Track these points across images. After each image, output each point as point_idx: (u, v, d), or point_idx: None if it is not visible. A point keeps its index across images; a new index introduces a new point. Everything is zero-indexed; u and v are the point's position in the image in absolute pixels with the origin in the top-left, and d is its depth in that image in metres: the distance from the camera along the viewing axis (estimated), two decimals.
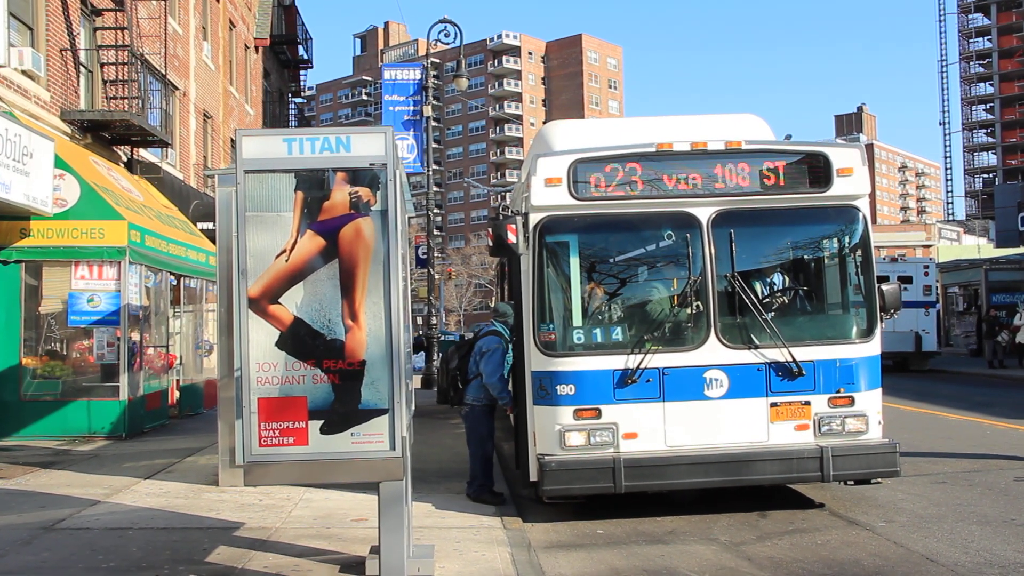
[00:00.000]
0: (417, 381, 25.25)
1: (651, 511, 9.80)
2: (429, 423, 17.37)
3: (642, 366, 9.21)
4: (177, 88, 25.32)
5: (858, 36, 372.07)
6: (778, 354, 9.32)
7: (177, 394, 18.80)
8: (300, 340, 6.13)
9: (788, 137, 10.47)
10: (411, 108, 26.25)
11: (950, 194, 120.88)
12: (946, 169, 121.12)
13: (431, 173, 26.39)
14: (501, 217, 9.74)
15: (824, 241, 10.25)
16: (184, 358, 19.68)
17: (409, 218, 9.32)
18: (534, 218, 9.40)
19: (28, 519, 9.38)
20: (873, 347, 9.65)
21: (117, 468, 12.41)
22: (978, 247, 69.57)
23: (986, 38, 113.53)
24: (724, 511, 9.78)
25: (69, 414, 15.37)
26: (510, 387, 10.33)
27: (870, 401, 9.52)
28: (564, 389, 9.23)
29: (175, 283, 18.93)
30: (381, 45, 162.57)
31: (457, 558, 7.92)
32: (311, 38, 44.45)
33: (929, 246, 78.86)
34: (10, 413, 15.18)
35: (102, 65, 19.99)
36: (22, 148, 13.63)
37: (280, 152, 6.22)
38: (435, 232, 27.19)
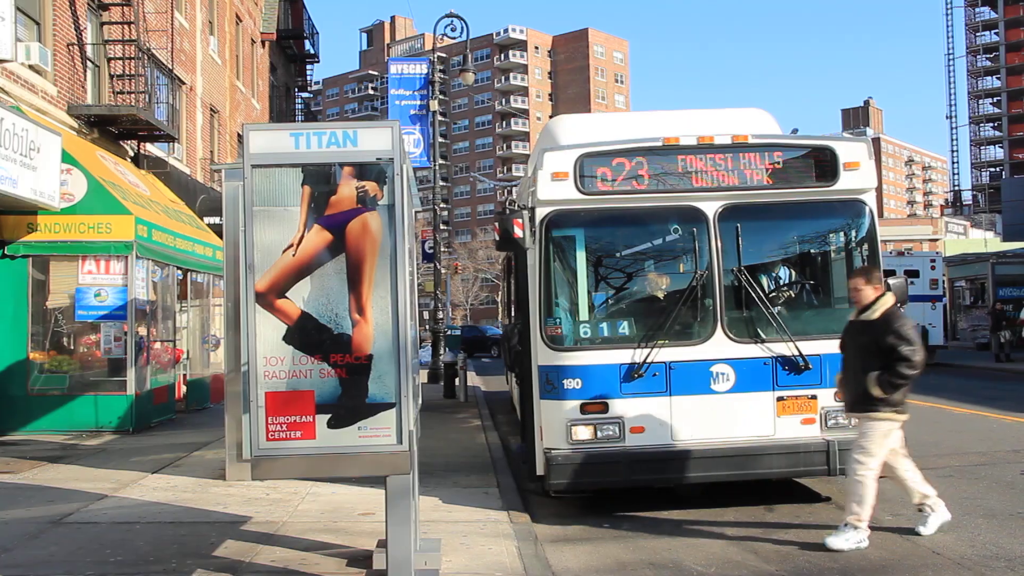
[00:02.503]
0: (424, 375, 25.28)
1: (657, 505, 9.80)
2: (436, 417, 17.39)
3: (649, 360, 9.21)
4: (184, 83, 25.34)
5: (865, 30, 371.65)
6: (785, 348, 9.32)
7: (184, 388, 18.84)
8: (307, 334, 6.13)
9: (795, 131, 10.48)
10: (417, 102, 26.22)
11: (956, 186, 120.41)
12: (953, 163, 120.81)
13: (437, 167, 26.35)
14: (508, 211, 9.75)
15: (830, 235, 10.23)
16: (191, 352, 19.72)
17: (415, 212, 9.31)
18: (540, 212, 9.40)
19: (36, 513, 9.41)
20: None
21: (124, 462, 12.45)
22: (985, 241, 69.43)
23: (993, 32, 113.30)
24: (731, 505, 9.78)
25: (76, 408, 15.41)
26: None
27: None
28: (571, 383, 9.23)
29: (182, 277, 18.97)
30: (387, 39, 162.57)
31: (464, 551, 7.94)
32: (317, 32, 44.45)
33: (936, 240, 78.79)
34: (17, 407, 15.22)
35: (109, 60, 20.03)
36: (29, 143, 13.65)
37: (287, 147, 6.23)
38: (441, 226, 27.14)
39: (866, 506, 8.11)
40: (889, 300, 8.28)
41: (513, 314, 13.02)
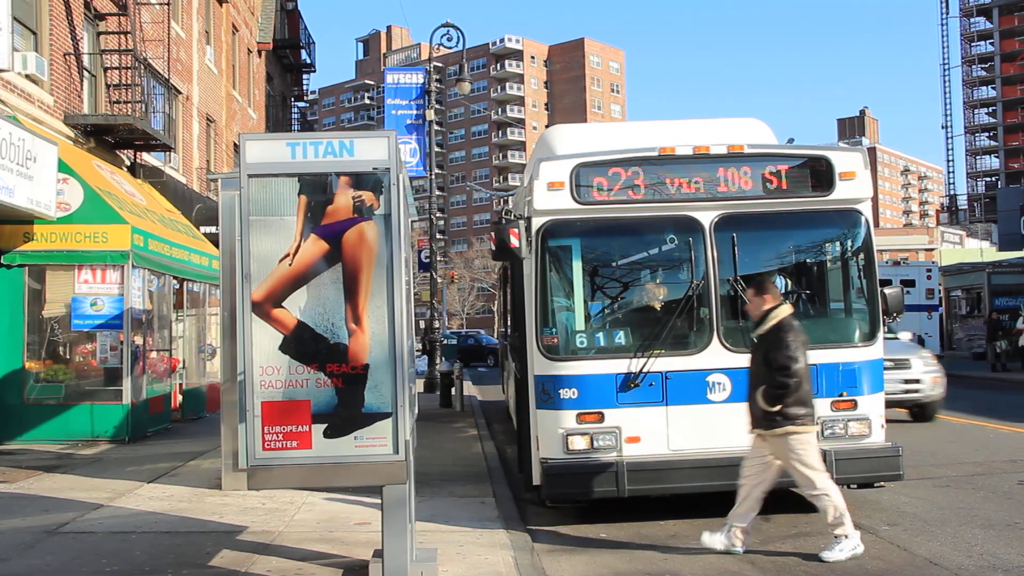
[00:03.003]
0: (420, 385, 25.26)
1: (654, 515, 9.79)
2: (432, 427, 17.36)
3: (645, 370, 9.20)
4: (180, 92, 25.36)
5: (860, 39, 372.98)
6: None
7: (180, 398, 18.80)
8: (303, 344, 6.14)
9: (790, 141, 10.48)
10: (414, 112, 26.28)
11: (952, 190, 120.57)
12: (948, 173, 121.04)
13: (433, 177, 26.39)
14: (504, 221, 9.74)
15: (826, 245, 10.25)
16: (187, 362, 19.68)
17: (412, 222, 9.32)
18: (537, 222, 9.41)
19: (31, 523, 9.39)
20: (876, 351, 9.63)
21: (120, 472, 12.42)
22: (981, 251, 69.54)
23: (988, 42, 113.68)
24: (727, 515, 9.74)
25: (72, 418, 15.38)
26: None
27: (873, 404, 9.51)
28: (567, 393, 9.22)
29: (178, 287, 18.95)
30: (384, 49, 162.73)
31: (460, 562, 7.92)
32: (314, 42, 44.52)
33: (932, 250, 78.94)
34: (13, 417, 15.18)
35: (105, 69, 20.03)
36: (26, 152, 13.65)
37: (284, 156, 6.23)
38: (438, 236, 27.20)
39: (844, 514, 8.09)
40: (782, 312, 8.23)
41: (509, 324, 13.02)
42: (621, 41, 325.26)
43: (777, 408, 7.99)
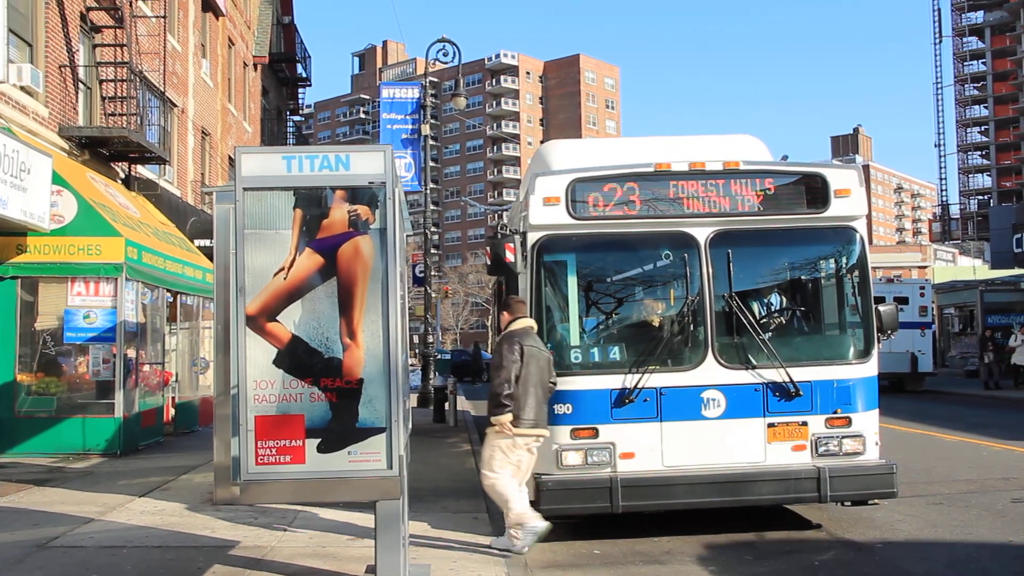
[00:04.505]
0: (414, 399, 25.21)
1: (648, 531, 9.76)
2: (425, 442, 17.31)
3: (639, 386, 9.19)
4: (175, 105, 25.36)
5: (854, 58, 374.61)
6: (775, 374, 9.31)
7: (172, 411, 18.72)
8: (298, 358, 6.12)
9: (785, 158, 10.52)
10: (409, 127, 26.29)
11: (945, 206, 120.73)
12: (941, 191, 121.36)
13: (428, 191, 26.40)
14: (499, 236, 9.73)
15: (821, 262, 10.25)
16: (180, 375, 19.62)
17: (407, 236, 9.31)
18: (532, 237, 9.40)
19: (21, 537, 9.32)
20: (870, 368, 9.64)
21: (112, 486, 12.35)
22: (974, 268, 69.70)
23: (980, 61, 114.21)
24: (721, 531, 9.74)
25: (64, 431, 15.30)
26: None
27: (867, 422, 9.50)
28: (561, 408, 9.20)
29: (171, 300, 18.89)
30: (380, 64, 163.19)
31: None
32: (310, 56, 44.58)
33: (925, 267, 79.21)
34: (4, 430, 15.10)
35: (101, 82, 20.03)
36: (20, 164, 13.63)
37: (279, 170, 6.23)
38: (432, 250, 27.16)
39: (514, 504, 8.62)
40: (513, 326, 8.80)
41: None
42: (616, 57, 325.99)
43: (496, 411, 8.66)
